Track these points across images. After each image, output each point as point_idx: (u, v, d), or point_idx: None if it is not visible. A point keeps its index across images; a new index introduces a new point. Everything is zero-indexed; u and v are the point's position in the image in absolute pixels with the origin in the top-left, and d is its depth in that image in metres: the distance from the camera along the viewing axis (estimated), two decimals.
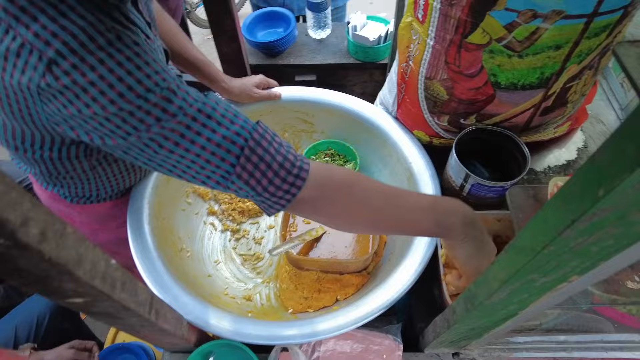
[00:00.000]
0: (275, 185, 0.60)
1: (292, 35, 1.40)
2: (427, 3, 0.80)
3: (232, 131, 0.58)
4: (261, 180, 0.60)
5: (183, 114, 0.56)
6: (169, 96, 0.56)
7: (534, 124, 0.94)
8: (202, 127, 0.57)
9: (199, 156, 0.58)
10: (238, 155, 0.58)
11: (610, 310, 0.83)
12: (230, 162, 0.58)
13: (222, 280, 1.03)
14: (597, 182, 0.29)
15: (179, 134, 0.57)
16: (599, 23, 0.70)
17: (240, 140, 0.58)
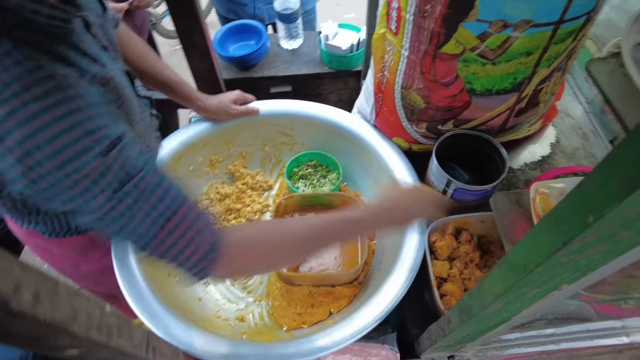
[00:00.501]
0: (191, 262, 0.61)
1: (264, 47, 1.39)
2: (399, 15, 0.81)
3: (163, 204, 0.58)
4: (177, 256, 0.60)
5: (112, 189, 0.55)
6: (101, 168, 0.53)
7: (509, 125, 0.97)
8: (133, 202, 0.56)
9: (127, 223, 0.57)
10: (162, 226, 0.58)
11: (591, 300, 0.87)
12: (152, 233, 0.58)
13: (213, 302, 1.01)
14: (586, 209, 0.31)
15: (107, 200, 0.55)
16: (565, 29, 0.73)
17: (167, 212, 0.59)
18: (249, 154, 1.24)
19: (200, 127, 1.15)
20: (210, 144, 1.17)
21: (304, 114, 1.18)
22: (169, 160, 1.08)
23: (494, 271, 0.47)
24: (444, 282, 0.88)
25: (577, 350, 0.89)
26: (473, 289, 0.54)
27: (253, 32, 1.43)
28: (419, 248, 0.90)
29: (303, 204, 1.11)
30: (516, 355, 0.87)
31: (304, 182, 1.19)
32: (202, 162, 1.18)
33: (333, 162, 1.17)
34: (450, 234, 0.92)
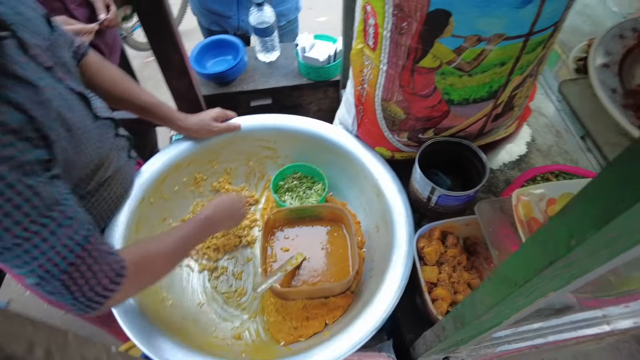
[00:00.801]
0: (95, 291, 0.66)
1: (242, 62, 1.39)
2: (376, 32, 0.83)
3: (74, 240, 0.62)
4: (83, 287, 0.64)
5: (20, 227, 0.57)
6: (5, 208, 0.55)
7: (486, 129, 1.00)
8: (41, 241, 0.59)
9: (35, 259, 0.59)
10: (71, 263, 0.62)
11: None
12: (61, 269, 0.61)
13: (208, 322, 1.02)
14: (569, 233, 0.33)
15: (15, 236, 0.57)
16: (535, 40, 0.76)
17: (77, 249, 0.63)
18: (233, 169, 1.25)
19: (183, 146, 1.15)
20: (194, 162, 1.17)
21: (286, 127, 1.19)
22: (154, 182, 1.08)
23: (485, 284, 0.50)
24: (434, 286, 0.90)
25: (563, 342, 0.93)
26: (465, 300, 0.56)
27: (230, 47, 1.43)
28: (407, 256, 0.93)
29: (291, 217, 1.12)
30: (507, 351, 0.90)
31: (290, 194, 1.20)
32: (186, 182, 1.18)
33: (318, 174, 1.19)
34: (437, 238, 0.95)
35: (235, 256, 1.14)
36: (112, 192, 0.90)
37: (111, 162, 0.87)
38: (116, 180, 0.91)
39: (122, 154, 0.94)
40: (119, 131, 0.95)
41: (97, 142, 0.80)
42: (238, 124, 1.17)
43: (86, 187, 0.80)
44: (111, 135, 0.88)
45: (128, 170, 0.98)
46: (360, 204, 1.16)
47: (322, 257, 1.07)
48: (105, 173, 0.85)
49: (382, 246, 1.01)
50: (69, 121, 0.69)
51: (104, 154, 0.83)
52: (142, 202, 1.03)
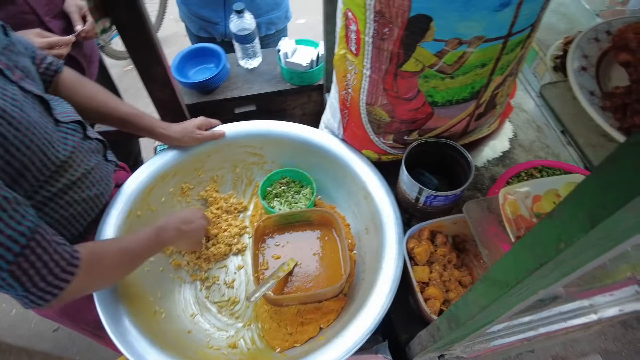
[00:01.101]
0: (46, 281, 0.68)
1: (225, 69, 1.39)
2: (358, 37, 0.84)
3: (17, 231, 0.64)
4: (34, 277, 0.66)
5: None
6: None
7: (470, 128, 1.02)
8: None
9: None
10: (17, 254, 0.64)
11: None
12: (6, 260, 0.63)
13: (202, 333, 1.01)
14: (557, 237, 0.34)
15: None
16: (514, 41, 0.78)
17: (22, 239, 0.64)
18: (220, 177, 1.24)
19: (168, 156, 1.14)
20: (180, 172, 1.16)
21: (271, 132, 1.19)
22: (140, 194, 1.07)
23: (477, 286, 0.51)
24: (426, 286, 0.92)
25: (554, 333, 0.96)
26: (459, 301, 0.57)
27: (211, 55, 1.42)
28: (398, 257, 0.94)
29: (281, 223, 1.12)
30: (501, 345, 0.92)
31: (279, 200, 1.20)
32: (173, 192, 1.17)
33: (305, 178, 1.19)
34: (426, 238, 0.96)
35: (226, 265, 1.14)
36: (83, 194, 0.90)
37: (79, 165, 0.88)
38: (87, 182, 0.91)
39: (94, 157, 0.94)
40: (89, 133, 0.95)
41: (60, 145, 0.82)
42: (222, 131, 1.16)
43: (51, 189, 0.81)
44: (78, 138, 0.89)
45: (102, 172, 0.97)
46: (349, 207, 1.17)
47: (313, 262, 1.07)
48: (73, 175, 0.86)
49: (373, 248, 1.02)
50: (13, 120, 0.70)
51: (68, 157, 0.84)
52: (130, 215, 1.02)
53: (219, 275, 1.12)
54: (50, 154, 0.78)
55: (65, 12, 1.34)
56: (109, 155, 1.03)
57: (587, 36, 0.50)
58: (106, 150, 1.02)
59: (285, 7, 1.68)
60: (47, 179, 0.79)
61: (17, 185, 0.73)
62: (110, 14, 0.95)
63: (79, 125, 0.91)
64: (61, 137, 0.84)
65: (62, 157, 0.82)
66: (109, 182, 1.00)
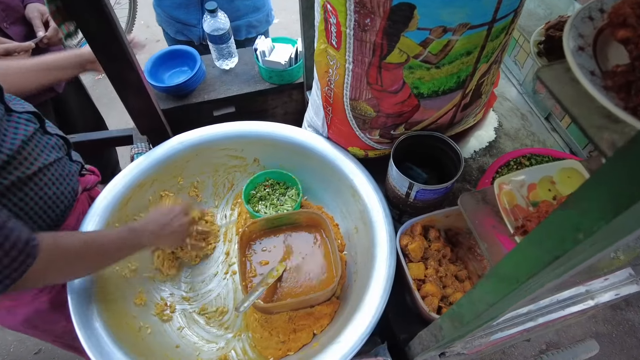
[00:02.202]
0: (2, 264, 0.65)
1: (200, 71, 1.33)
2: (339, 30, 0.80)
3: None
4: None
5: None
6: None
7: (456, 119, 1.00)
8: None
9: None
10: None
11: None
12: None
13: (191, 347, 0.96)
14: (574, 227, 0.32)
15: None
16: (498, 27, 0.76)
17: None
18: (200, 183, 1.19)
19: (144, 164, 1.09)
20: (158, 180, 1.11)
21: (252, 133, 1.15)
22: (117, 205, 1.01)
23: (483, 283, 0.48)
24: (423, 283, 0.89)
25: (552, 322, 0.94)
26: (462, 300, 0.55)
27: (185, 57, 1.37)
28: (390, 255, 0.91)
29: (267, 227, 1.08)
30: (501, 338, 0.90)
31: (264, 203, 1.16)
32: (152, 201, 1.12)
33: (290, 179, 1.15)
34: (419, 234, 0.93)
35: (212, 272, 1.09)
36: (41, 192, 0.85)
37: (35, 159, 0.83)
38: (46, 179, 0.86)
39: (53, 153, 0.89)
40: (48, 129, 0.90)
41: (9, 134, 0.78)
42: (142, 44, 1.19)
43: (3, 181, 0.77)
44: (32, 129, 0.84)
45: (63, 170, 0.92)
46: (337, 206, 1.13)
47: (303, 265, 1.03)
48: (29, 169, 0.81)
49: (364, 247, 0.99)
50: None
51: (19, 148, 0.79)
52: (107, 226, 0.97)
53: (205, 285, 1.07)
54: None
55: (27, 18, 1.27)
56: (73, 154, 0.99)
57: (580, 15, 0.47)
58: (70, 149, 0.98)
59: (267, 10, 1.63)
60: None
61: None
62: (75, 18, 0.89)
63: (34, 117, 0.87)
64: (12, 127, 0.80)
65: (12, 147, 0.78)
66: (71, 182, 0.94)
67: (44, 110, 1.41)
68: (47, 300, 0.96)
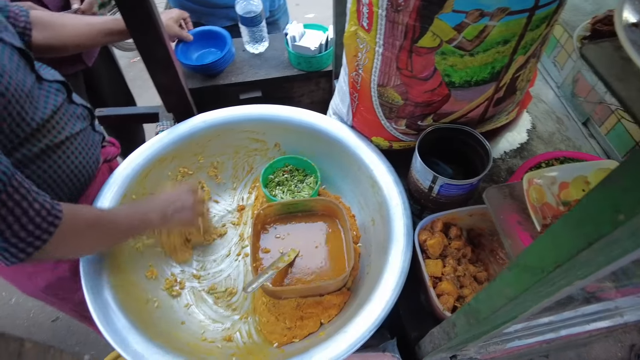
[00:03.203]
0: (27, 230, 0.64)
1: (230, 53, 1.33)
2: (371, 11, 0.77)
3: None
4: (13, 225, 0.63)
5: None
6: None
7: (488, 115, 0.96)
8: None
9: None
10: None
11: None
12: None
13: (196, 325, 0.95)
14: (614, 208, 0.28)
15: None
16: (539, 15, 0.72)
17: None
18: (220, 164, 1.19)
19: (166, 139, 1.09)
20: (179, 156, 1.11)
21: (275, 117, 1.13)
22: (136, 177, 1.02)
23: (504, 274, 0.44)
24: (439, 281, 0.85)
25: (575, 336, 0.89)
26: (480, 293, 0.51)
27: (216, 38, 1.37)
28: (406, 249, 0.88)
29: (283, 212, 1.06)
30: (517, 347, 0.85)
31: (281, 189, 1.14)
32: (171, 177, 1.12)
33: (310, 166, 1.13)
34: (439, 230, 0.90)
35: (224, 253, 1.08)
36: (68, 160, 0.86)
37: (62, 128, 0.85)
38: (72, 148, 0.88)
39: (79, 122, 0.91)
40: (74, 98, 0.92)
41: (41, 103, 0.80)
42: None
43: (32, 148, 0.78)
44: (61, 99, 0.86)
45: (88, 140, 0.94)
46: (354, 197, 1.11)
47: (315, 254, 1.01)
48: (56, 138, 0.83)
49: (379, 240, 0.96)
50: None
51: (49, 117, 0.81)
52: (124, 198, 0.97)
53: (216, 265, 1.06)
54: (28, 109, 0.75)
55: None
56: (96, 125, 1.00)
57: None
58: (93, 120, 0.99)
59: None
60: (27, 136, 0.76)
61: None
62: None
63: (62, 86, 0.88)
64: (42, 95, 0.81)
65: (43, 116, 0.79)
66: (95, 152, 0.96)
67: (74, 82, 1.45)
68: (68, 268, 0.97)
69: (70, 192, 0.90)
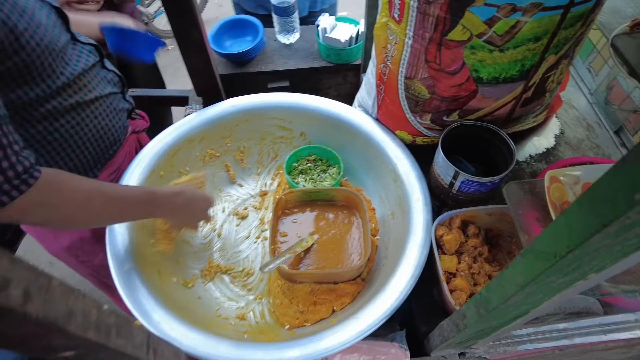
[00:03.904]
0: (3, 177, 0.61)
1: (261, 42, 1.36)
2: (403, 2, 0.78)
3: None
4: None
5: None
6: None
7: (515, 115, 0.95)
8: None
9: None
10: None
11: None
12: None
13: (212, 301, 0.98)
14: (631, 186, 0.28)
15: None
16: (575, 13, 0.71)
17: None
18: (247, 148, 1.21)
19: (196, 121, 1.12)
20: (207, 138, 1.14)
21: (302, 106, 1.15)
22: (165, 155, 1.05)
23: (516, 261, 0.45)
24: (453, 277, 0.85)
25: (590, 345, 0.87)
26: (491, 282, 0.51)
27: (249, 28, 1.40)
28: (424, 244, 0.88)
29: (304, 199, 1.08)
30: (529, 351, 0.84)
31: (303, 177, 1.16)
32: (199, 157, 1.15)
33: (334, 156, 1.14)
34: (457, 227, 0.89)
35: (243, 236, 1.10)
36: (95, 120, 0.91)
37: (93, 87, 0.89)
38: (101, 109, 0.92)
39: (109, 86, 0.96)
40: (106, 64, 0.96)
41: (72, 60, 0.84)
42: None
43: (63, 102, 0.82)
44: (92, 60, 0.90)
45: (117, 105, 0.99)
46: (376, 190, 1.11)
47: (332, 242, 1.02)
48: (87, 95, 0.87)
49: (398, 234, 0.97)
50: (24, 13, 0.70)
51: (80, 74, 0.85)
52: (152, 174, 1.01)
53: (236, 245, 1.09)
54: (60, 63, 0.79)
55: None
56: (127, 95, 1.04)
57: None
58: (124, 88, 1.03)
59: None
60: (58, 89, 0.80)
61: (26, 84, 0.74)
62: None
63: (95, 49, 0.93)
64: (75, 54, 0.85)
65: (73, 72, 0.83)
66: (122, 118, 1.00)
67: None
68: (91, 230, 1.01)
69: (96, 153, 0.94)
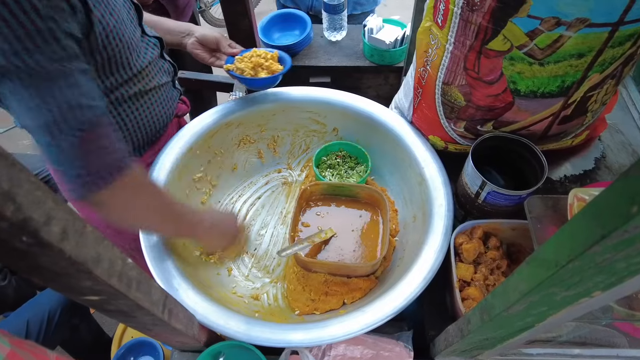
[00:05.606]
0: (106, 162, 0.65)
1: (308, 37, 1.39)
2: (447, 8, 0.79)
3: (92, 106, 0.64)
4: (98, 154, 0.64)
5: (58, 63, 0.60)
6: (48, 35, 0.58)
7: (552, 132, 0.93)
8: (67, 87, 0.61)
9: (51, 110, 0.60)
10: (81, 129, 0.62)
11: (626, 324, 0.82)
12: (72, 126, 0.62)
13: (230, 279, 1.03)
14: (630, 199, 0.29)
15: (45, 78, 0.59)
16: (624, 32, 0.69)
17: (89, 113, 0.63)
18: (280, 138, 1.25)
19: (235, 107, 1.17)
20: (244, 124, 1.19)
21: (338, 102, 1.17)
22: (203, 135, 1.10)
23: (521, 268, 0.45)
24: (467, 285, 0.85)
25: None
26: (497, 288, 0.52)
27: (297, 22, 1.44)
28: (440, 249, 0.88)
29: (328, 192, 1.10)
30: None
31: (331, 171, 1.18)
32: (234, 141, 1.20)
33: (363, 154, 1.16)
34: (478, 237, 0.89)
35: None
36: (151, 107, 0.97)
37: (153, 77, 0.95)
38: (157, 97, 0.98)
39: (165, 76, 1.01)
40: (164, 54, 1.02)
41: (141, 53, 0.89)
42: None
43: (128, 90, 0.88)
44: (155, 53, 0.96)
45: (169, 94, 1.04)
46: (400, 192, 1.12)
47: (351, 238, 1.04)
48: (148, 84, 0.93)
49: (416, 237, 0.97)
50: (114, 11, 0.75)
51: (145, 66, 0.91)
52: (190, 151, 1.06)
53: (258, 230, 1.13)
54: (132, 57, 0.85)
55: None
56: (176, 82, 1.10)
57: None
58: (175, 76, 1.08)
59: None
60: (126, 80, 0.86)
61: (105, 76, 0.80)
62: None
63: (158, 42, 0.98)
64: (143, 47, 0.91)
65: (142, 64, 0.89)
66: (172, 105, 1.05)
67: None
68: None
69: (143, 138, 1.00)
